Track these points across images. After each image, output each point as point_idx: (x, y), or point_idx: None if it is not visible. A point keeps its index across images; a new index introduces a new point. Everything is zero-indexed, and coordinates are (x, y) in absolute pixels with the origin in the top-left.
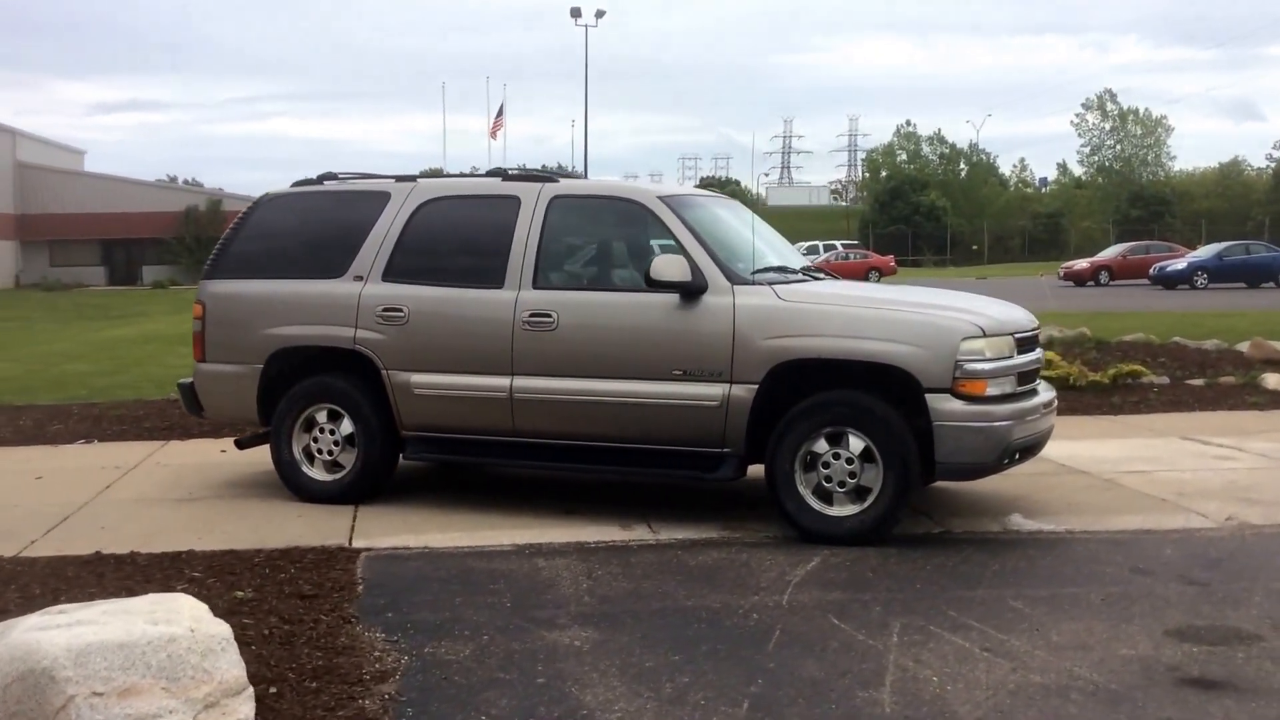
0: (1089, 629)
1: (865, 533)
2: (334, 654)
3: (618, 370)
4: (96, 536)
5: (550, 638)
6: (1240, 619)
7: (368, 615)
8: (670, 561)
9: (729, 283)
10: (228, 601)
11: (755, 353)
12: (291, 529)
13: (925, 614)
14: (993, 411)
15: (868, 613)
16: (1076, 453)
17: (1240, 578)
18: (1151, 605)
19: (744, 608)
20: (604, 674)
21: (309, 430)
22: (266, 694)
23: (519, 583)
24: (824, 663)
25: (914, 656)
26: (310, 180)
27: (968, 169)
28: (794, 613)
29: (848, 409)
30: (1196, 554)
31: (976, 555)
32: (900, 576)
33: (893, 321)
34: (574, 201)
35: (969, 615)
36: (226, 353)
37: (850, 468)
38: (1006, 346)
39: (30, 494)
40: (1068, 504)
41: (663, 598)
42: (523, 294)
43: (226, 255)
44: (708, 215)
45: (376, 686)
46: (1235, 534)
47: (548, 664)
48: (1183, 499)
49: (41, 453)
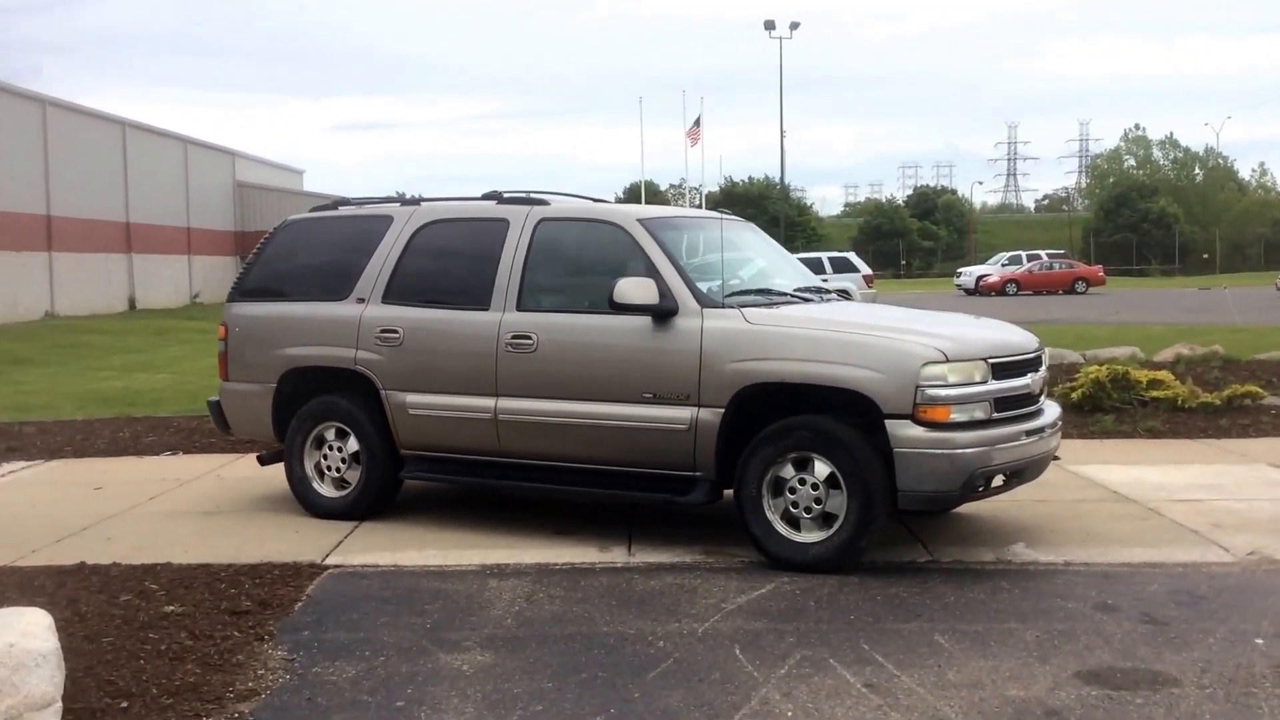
0: (996, 668)
1: (830, 560)
2: (215, 671)
3: (592, 392)
4: (96, 548)
5: (443, 660)
6: (1172, 663)
7: (284, 633)
8: (620, 586)
9: (699, 305)
10: (150, 616)
11: (721, 376)
12: (278, 544)
13: (836, 647)
14: (954, 439)
15: (778, 644)
16: (1139, 479)
17: (1211, 618)
18: (1086, 644)
19: (656, 635)
20: (465, 699)
21: (319, 448)
22: (114, 708)
23: (455, 603)
24: (691, 693)
25: (787, 690)
26: (327, 205)
27: (1203, 174)
28: (702, 641)
29: (811, 434)
30: (1183, 590)
31: (941, 586)
32: (841, 607)
33: (854, 345)
34: (559, 224)
35: (882, 649)
36: (246, 372)
37: (816, 493)
38: (977, 371)
39: (75, 505)
40: (1086, 533)
41: (582, 623)
42: (506, 316)
43: (248, 278)
44: (689, 238)
45: (235, 705)
46: (1245, 570)
47: (419, 687)
48: (1216, 531)
49: (121, 464)
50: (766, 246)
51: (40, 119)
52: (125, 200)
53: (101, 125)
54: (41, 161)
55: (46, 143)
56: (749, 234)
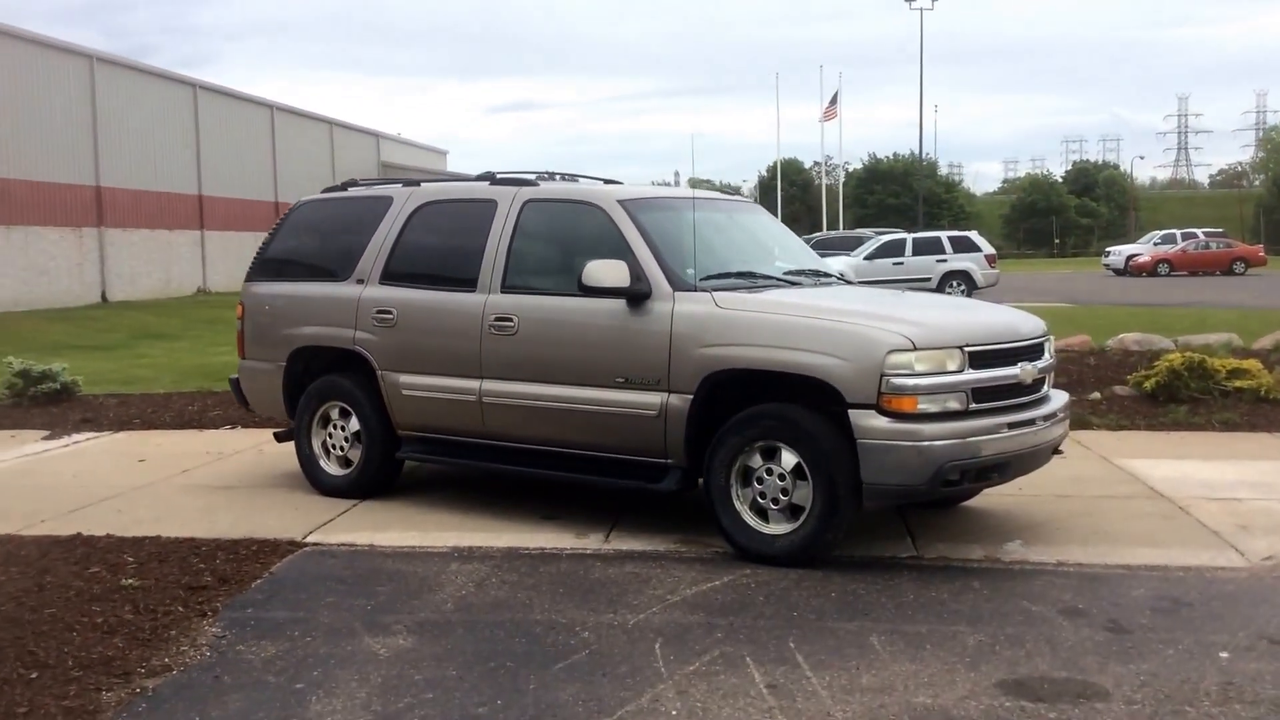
0: (917, 673)
1: (795, 553)
2: (139, 646)
3: (568, 376)
4: (102, 519)
5: (365, 644)
6: (1112, 675)
7: (229, 610)
8: (577, 573)
9: (671, 289)
10: (106, 588)
11: (691, 361)
12: (272, 520)
13: (761, 644)
14: (921, 430)
15: (703, 639)
16: (1185, 475)
17: (1185, 627)
18: (1029, 651)
19: (586, 625)
20: (363, 683)
21: (324, 426)
22: (24, 678)
23: (407, 585)
24: (586, 688)
25: (684, 688)
26: (337, 186)
27: None
28: (628, 634)
29: (777, 422)
30: (1169, 596)
31: (907, 584)
32: (790, 602)
33: (819, 331)
34: (544, 206)
35: (807, 648)
36: (259, 350)
37: (783, 484)
38: (951, 360)
39: (110, 476)
40: (1094, 532)
41: (519, 610)
42: (491, 298)
43: (263, 258)
44: (672, 219)
45: (141, 681)
46: (1252, 576)
47: (328, 670)
48: (1239, 533)
49: (178, 437)
50: (770, 229)
51: (192, 103)
52: (274, 180)
53: (250, 108)
54: (193, 144)
55: (198, 126)
56: (752, 215)
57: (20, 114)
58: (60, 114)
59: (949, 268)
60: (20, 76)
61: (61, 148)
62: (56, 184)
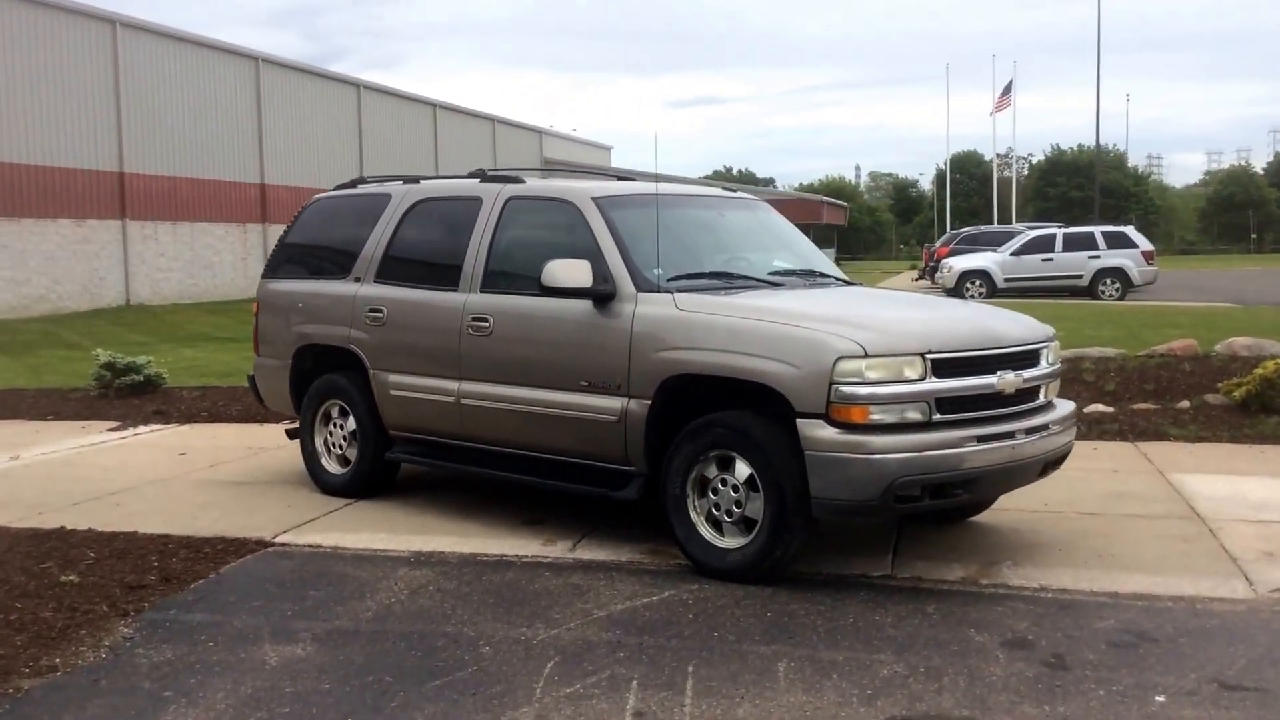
0: (805, 704)
1: (747, 568)
2: (40, 645)
3: (537, 378)
4: (97, 513)
5: (261, 651)
6: (1021, 716)
7: (154, 611)
8: (520, 582)
9: (635, 289)
10: (43, 584)
11: (649, 365)
12: (256, 519)
13: (659, 666)
14: (869, 443)
15: (601, 659)
16: (1236, 494)
17: (1135, 664)
18: (943, 686)
19: (493, 639)
20: (229, 694)
21: (326, 424)
22: None
23: (342, 590)
24: (448, 707)
25: (546, 713)
26: (346, 184)
27: None
28: (529, 649)
29: (728, 431)
30: (1139, 630)
31: (856, 606)
32: (716, 622)
33: (771, 336)
34: (524, 203)
35: (703, 674)
36: (270, 348)
37: (737, 495)
38: (910, 368)
39: (138, 468)
40: (1099, 554)
41: (435, 620)
42: (470, 297)
43: (278, 256)
44: (648, 217)
45: (19, 681)
46: (1249, 610)
47: (204, 678)
48: (1262, 560)
49: (232, 430)
50: (771, 227)
51: (355, 103)
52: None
53: (413, 107)
54: (356, 141)
55: (360, 125)
56: (749, 213)
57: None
58: (226, 115)
59: (1102, 264)
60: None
61: (227, 147)
62: (221, 181)
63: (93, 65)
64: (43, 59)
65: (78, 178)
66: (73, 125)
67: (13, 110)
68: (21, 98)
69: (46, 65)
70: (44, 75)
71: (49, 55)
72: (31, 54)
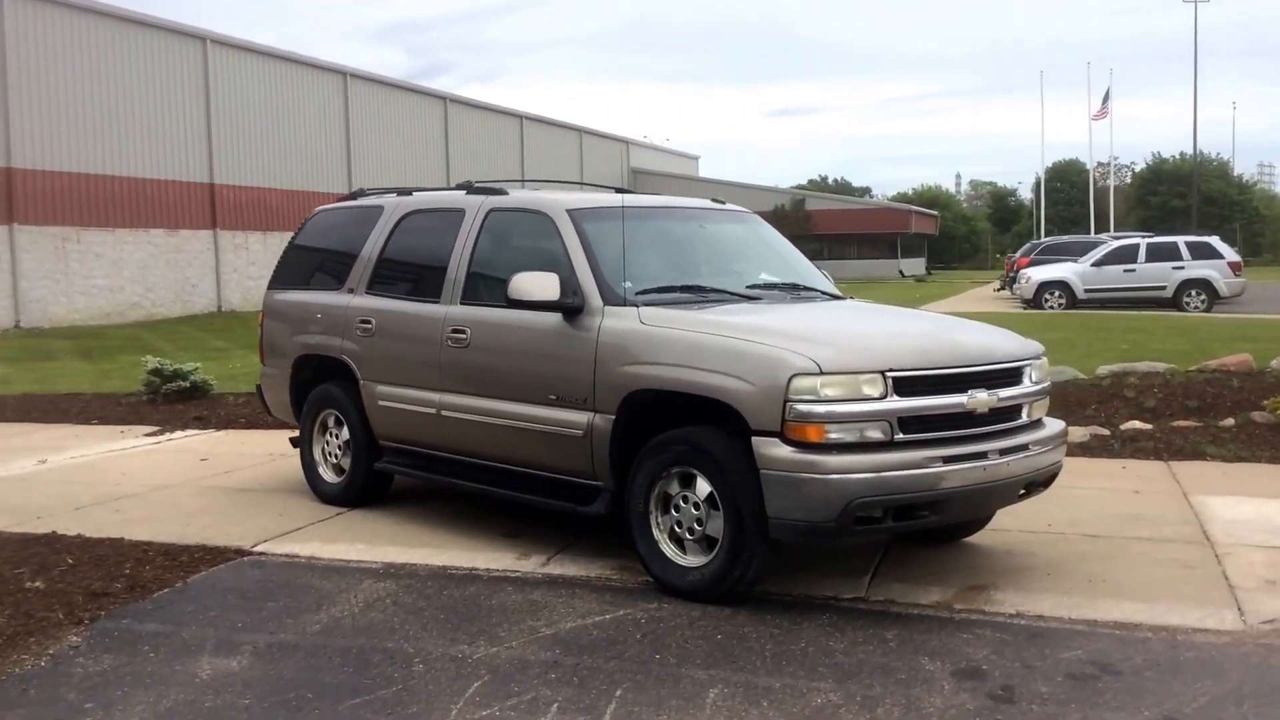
0: None
1: (706, 588)
2: None
3: (509, 391)
4: (95, 518)
5: (198, 664)
6: None
7: (110, 619)
8: (477, 598)
9: (602, 303)
10: (4, 590)
11: (613, 379)
12: (245, 527)
13: (586, 689)
14: (825, 462)
15: (533, 680)
16: (1257, 517)
17: (1087, 700)
18: (872, 717)
19: (429, 657)
20: (149, 708)
21: (323, 434)
22: None
23: (300, 602)
24: None
25: None
26: (348, 196)
27: None
28: (461, 669)
29: (688, 447)
30: (1103, 662)
31: (811, 631)
32: (660, 644)
33: (728, 352)
34: (504, 215)
35: (631, 698)
36: (272, 358)
37: (698, 513)
38: (870, 386)
39: (152, 474)
40: (1089, 579)
41: (380, 636)
42: (450, 309)
43: (282, 267)
44: (621, 229)
45: None
46: (1233, 642)
47: (129, 691)
48: (1260, 590)
49: (262, 437)
50: (759, 240)
51: (442, 115)
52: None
53: (499, 119)
54: (443, 152)
55: (447, 136)
56: (735, 226)
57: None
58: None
59: (1186, 276)
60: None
61: (315, 159)
62: (308, 192)
63: (184, 80)
64: (136, 75)
65: (170, 189)
66: (165, 138)
67: (107, 124)
68: (115, 112)
69: (140, 81)
70: (137, 90)
71: (142, 71)
72: (126, 70)
